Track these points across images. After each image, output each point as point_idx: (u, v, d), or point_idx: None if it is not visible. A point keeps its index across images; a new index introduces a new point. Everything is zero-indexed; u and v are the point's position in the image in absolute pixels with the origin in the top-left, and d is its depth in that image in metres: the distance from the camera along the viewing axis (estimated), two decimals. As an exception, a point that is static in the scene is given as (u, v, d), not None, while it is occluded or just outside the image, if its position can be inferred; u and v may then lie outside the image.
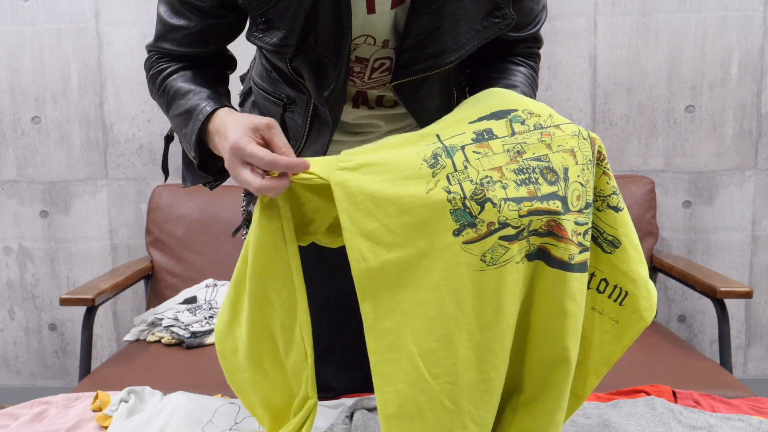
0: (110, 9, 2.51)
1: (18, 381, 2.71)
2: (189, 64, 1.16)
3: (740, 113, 2.51)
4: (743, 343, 2.62)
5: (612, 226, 0.96)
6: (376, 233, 0.91)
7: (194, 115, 1.07)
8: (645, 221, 2.37)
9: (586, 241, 0.93)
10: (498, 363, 0.92)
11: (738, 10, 2.46)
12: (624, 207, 0.97)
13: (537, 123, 0.97)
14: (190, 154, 1.11)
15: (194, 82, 1.13)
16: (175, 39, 1.14)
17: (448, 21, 1.05)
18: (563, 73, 2.52)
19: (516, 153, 0.94)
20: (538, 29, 1.20)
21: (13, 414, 1.23)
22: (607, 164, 0.97)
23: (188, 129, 1.08)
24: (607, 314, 0.98)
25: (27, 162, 2.59)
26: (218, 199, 2.44)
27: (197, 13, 1.10)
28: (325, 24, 1.04)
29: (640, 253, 0.98)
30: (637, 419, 1.15)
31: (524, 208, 0.90)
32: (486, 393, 0.92)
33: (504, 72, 1.18)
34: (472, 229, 0.89)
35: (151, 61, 1.19)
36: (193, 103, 1.09)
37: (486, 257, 0.89)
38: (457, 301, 0.90)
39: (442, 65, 1.09)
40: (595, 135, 0.96)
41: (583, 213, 0.93)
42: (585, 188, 0.93)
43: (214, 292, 2.28)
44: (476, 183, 0.90)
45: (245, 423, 1.15)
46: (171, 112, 1.13)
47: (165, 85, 1.15)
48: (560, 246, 0.91)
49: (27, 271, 2.65)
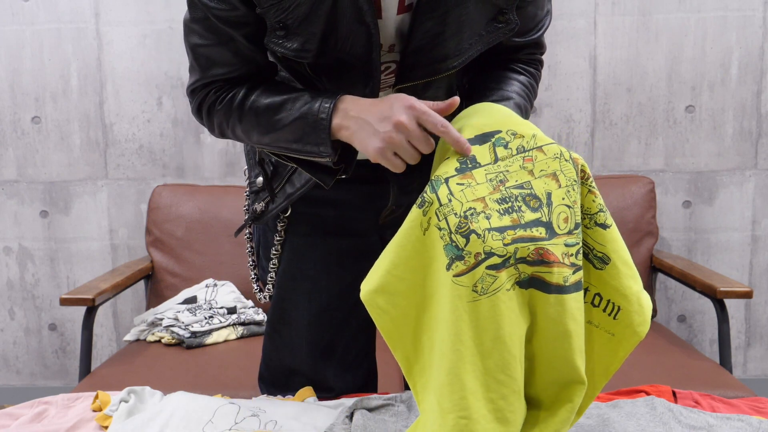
0: (110, 9, 2.51)
1: (18, 381, 2.71)
2: (252, 83, 1.11)
3: (740, 113, 2.51)
4: (743, 343, 2.62)
5: (601, 243, 0.97)
6: (389, 285, 0.96)
7: (311, 116, 1.04)
8: (645, 221, 2.37)
9: (578, 260, 0.94)
10: (506, 392, 0.92)
11: (738, 10, 2.46)
12: (612, 224, 0.97)
13: (520, 146, 0.98)
14: (322, 156, 1.07)
15: (278, 92, 1.09)
16: (225, 61, 1.09)
17: (452, 26, 1.05)
18: (563, 73, 2.52)
19: (499, 182, 0.96)
20: (541, 35, 1.19)
21: (13, 414, 1.23)
22: (591, 182, 0.97)
23: (307, 133, 1.05)
24: (602, 327, 0.98)
25: (27, 162, 2.59)
26: (218, 199, 2.44)
27: (234, 25, 1.06)
28: (346, 25, 1.03)
29: (631, 269, 0.98)
30: (637, 419, 1.15)
31: (508, 237, 0.92)
32: (498, 423, 0.92)
33: (501, 81, 1.17)
34: (460, 261, 0.91)
35: (205, 98, 1.13)
36: (303, 108, 1.05)
37: (477, 287, 0.91)
38: (456, 334, 0.92)
39: (446, 70, 1.09)
40: (576, 155, 0.97)
41: (573, 234, 0.93)
42: (572, 209, 0.94)
43: (214, 292, 2.28)
44: (460, 216, 0.93)
45: (245, 423, 1.15)
46: (269, 130, 1.09)
47: (245, 107, 1.10)
48: (554, 271, 0.92)
49: (27, 271, 2.65)
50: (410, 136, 0.98)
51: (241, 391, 1.71)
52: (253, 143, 1.14)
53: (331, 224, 1.28)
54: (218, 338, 2.12)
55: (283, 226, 1.29)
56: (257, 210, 1.27)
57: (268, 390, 1.35)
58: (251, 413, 1.17)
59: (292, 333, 1.31)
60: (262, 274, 1.35)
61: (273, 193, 1.25)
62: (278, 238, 1.29)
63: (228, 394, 1.57)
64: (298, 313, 1.30)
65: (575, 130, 2.54)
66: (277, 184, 1.24)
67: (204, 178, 2.59)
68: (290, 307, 1.31)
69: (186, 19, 1.09)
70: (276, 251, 1.30)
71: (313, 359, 1.31)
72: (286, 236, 1.30)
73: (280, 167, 1.24)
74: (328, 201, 1.26)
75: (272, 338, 1.34)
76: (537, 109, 2.53)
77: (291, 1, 1.01)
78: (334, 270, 1.29)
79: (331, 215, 1.27)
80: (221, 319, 2.15)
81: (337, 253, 1.29)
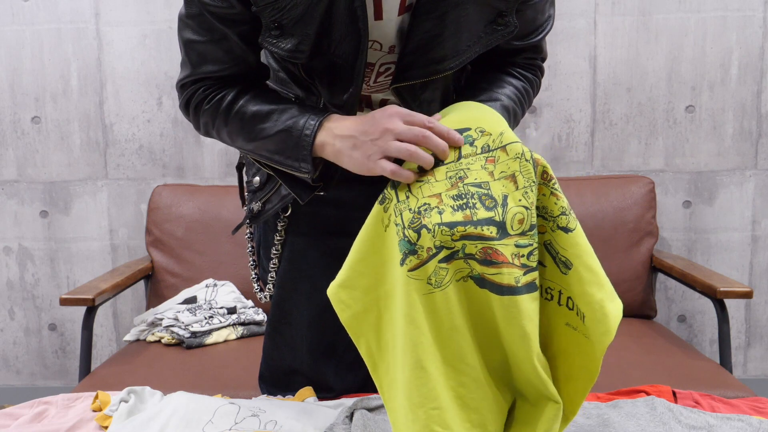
0: (110, 9, 2.51)
1: (18, 381, 2.71)
2: (242, 86, 1.11)
3: (740, 113, 2.51)
4: (743, 343, 2.62)
5: (563, 247, 0.95)
6: (351, 280, 0.98)
7: (296, 131, 1.05)
8: (645, 221, 2.37)
9: (531, 262, 0.92)
10: (465, 380, 0.93)
11: (738, 10, 2.46)
12: (576, 227, 0.95)
13: (486, 144, 0.98)
14: (301, 172, 1.08)
15: (267, 101, 1.09)
16: (217, 58, 1.09)
17: (450, 27, 1.05)
18: (563, 73, 2.52)
19: (458, 179, 0.96)
20: (541, 39, 1.18)
21: (13, 414, 1.23)
22: (554, 184, 0.96)
23: (289, 147, 1.06)
24: (580, 330, 0.97)
25: (27, 162, 2.59)
26: (218, 199, 2.44)
27: (229, 23, 1.06)
28: (340, 29, 1.04)
29: (596, 275, 0.94)
30: (637, 419, 1.15)
31: (457, 233, 0.92)
32: (462, 410, 0.93)
33: (493, 82, 1.17)
34: (413, 256, 0.92)
35: (193, 95, 1.13)
36: (288, 122, 1.06)
37: (431, 280, 0.92)
38: (417, 327, 0.92)
39: (443, 71, 1.09)
40: (538, 156, 0.96)
41: (527, 235, 0.92)
42: (530, 211, 0.93)
43: (214, 292, 2.28)
44: (414, 211, 0.94)
45: (245, 423, 1.15)
46: (253, 138, 1.09)
47: (232, 112, 1.10)
48: (504, 272, 0.91)
49: (27, 271, 2.65)
50: (399, 135, 0.98)
51: (241, 391, 1.71)
52: (237, 147, 1.14)
53: (331, 224, 1.28)
54: (218, 338, 2.12)
55: (283, 225, 1.29)
56: (254, 209, 1.27)
57: (269, 390, 1.35)
58: (251, 413, 1.17)
59: (293, 333, 1.31)
60: (262, 273, 1.35)
61: (269, 194, 1.25)
62: (278, 238, 1.29)
63: (228, 394, 1.57)
64: (298, 313, 1.30)
65: (575, 130, 2.54)
66: (272, 186, 1.25)
67: (204, 178, 2.59)
68: (291, 307, 1.31)
69: (181, 14, 1.09)
70: (276, 251, 1.30)
71: (313, 359, 1.31)
72: (286, 236, 1.30)
73: None
74: (328, 200, 1.25)
75: (273, 338, 1.34)
76: (537, 109, 2.53)
77: (287, 1, 1.01)
78: (334, 270, 1.28)
79: (332, 215, 1.27)
80: (221, 319, 2.15)
81: (338, 253, 1.28)
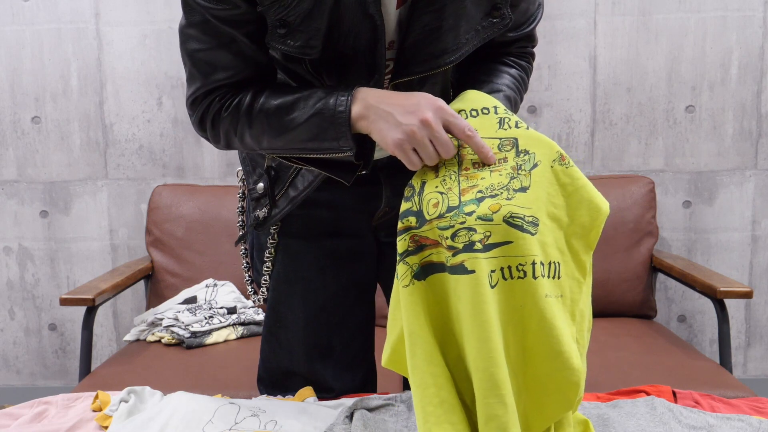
0: (110, 9, 2.51)
1: (18, 381, 2.71)
2: (258, 87, 1.08)
3: (740, 113, 2.51)
4: (743, 343, 2.62)
5: (527, 207, 0.93)
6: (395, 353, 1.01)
7: (328, 111, 1.01)
8: (645, 221, 2.37)
9: (457, 243, 0.91)
10: (437, 372, 0.94)
11: (738, 10, 2.46)
12: (530, 185, 0.95)
13: None
14: (342, 151, 1.04)
15: (288, 92, 1.05)
16: (227, 64, 1.05)
17: (449, 20, 1.05)
18: (563, 73, 2.52)
19: None
20: (533, 28, 1.20)
21: (13, 414, 1.23)
22: None
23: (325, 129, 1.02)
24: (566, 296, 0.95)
25: (27, 162, 2.59)
26: (218, 199, 2.44)
27: (236, 25, 1.03)
28: (350, 19, 1.02)
29: (558, 220, 0.96)
30: (637, 419, 1.15)
31: (400, 235, 0.94)
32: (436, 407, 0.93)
33: (492, 74, 1.18)
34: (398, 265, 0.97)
35: (209, 107, 1.08)
36: (317, 105, 1.02)
37: (404, 282, 0.95)
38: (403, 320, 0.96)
39: (443, 65, 1.08)
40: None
41: (445, 217, 0.93)
42: (446, 195, 0.95)
43: (214, 292, 2.28)
44: None
45: (245, 423, 1.15)
46: (283, 131, 1.05)
47: (254, 111, 1.06)
48: (435, 251, 0.93)
49: (27, 271, 2.65)
50: (433, 135, 0.97)
51: (241, 391, 1.72)
52: (263, 148, 1.10)
53: (325, 226, 1.27)
54: (218, 338, 2.12)
55: (275, 229, 1.27)
56: (260, 217, 1.25)
57: (268, 392, 1.35)
58: (251, 413, 1.17)
59: (289, 335, 1.31)
60: (256, 276, 1.35)
61: (274, 199, 1.23)
62: (271, 241, 1.28)
63: (228, 394, 1.57)
64: (293, 316, 1.30)
65: (575, 130, 2.54)
66: (279, 189, 1.23)
67: (204, 178, 2.59)
68: (286, 309, 1.30)
69: (182, 26, 1.06)
70: (270, 254, 1.29)
71: (310, 361, 1.30)
72: (279, 239, 1.28)
73: (282, 172, 1.22)
74: (322, 203, 1.24)
75: (269, 341, 1.34)
76: (537, 109, 2.53)
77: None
78: (328, 271, 1.28)
79: (326, 217, 1.26)
80: (221, 319, 2.15)
81: (332, 255, 1.28)
